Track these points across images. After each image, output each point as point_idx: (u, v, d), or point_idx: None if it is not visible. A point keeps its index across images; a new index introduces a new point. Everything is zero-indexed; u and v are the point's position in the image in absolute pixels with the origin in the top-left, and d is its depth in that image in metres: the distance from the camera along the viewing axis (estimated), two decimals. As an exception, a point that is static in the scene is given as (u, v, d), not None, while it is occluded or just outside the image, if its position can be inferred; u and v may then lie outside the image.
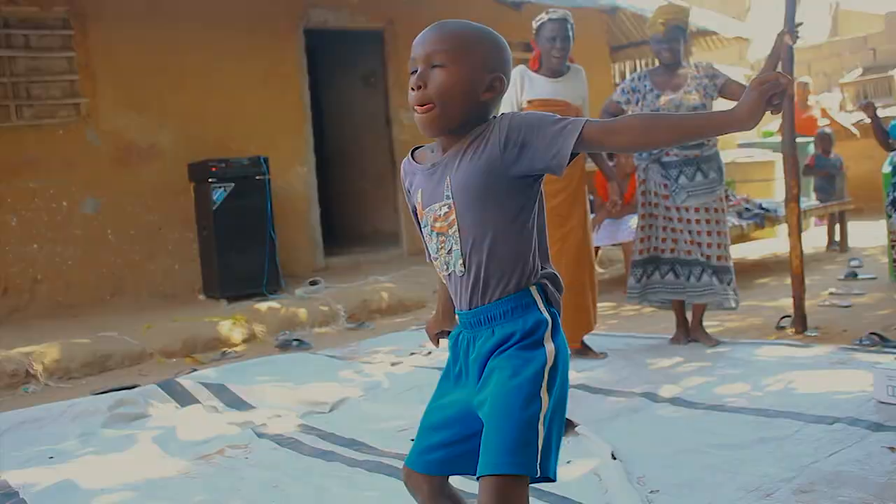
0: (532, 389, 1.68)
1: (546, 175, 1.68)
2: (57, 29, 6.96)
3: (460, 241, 1.77)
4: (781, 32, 4.78)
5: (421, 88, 1.76)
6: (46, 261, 6.86)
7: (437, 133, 1.80)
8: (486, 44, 1.79)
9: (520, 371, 1.70)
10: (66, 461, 3.63)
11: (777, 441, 3.14)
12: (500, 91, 1.79)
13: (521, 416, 1.66)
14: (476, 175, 1.73)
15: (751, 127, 1.59)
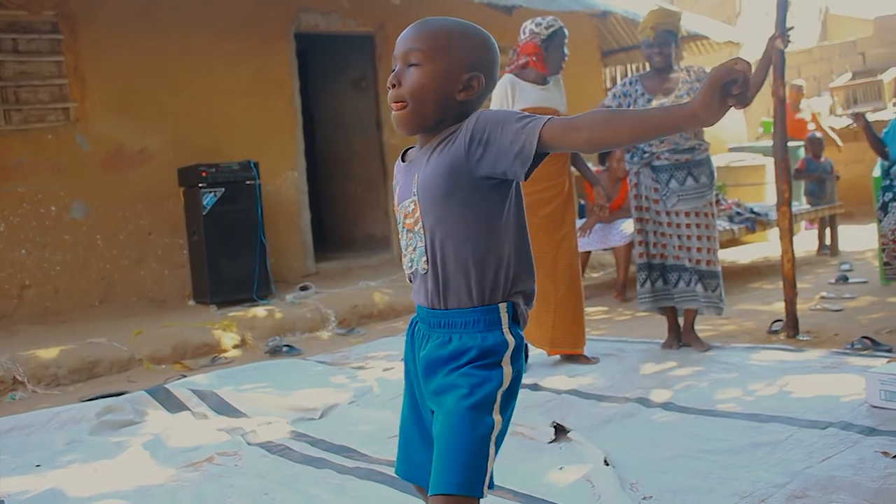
0: (485, 411, 1.67)
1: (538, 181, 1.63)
2: (46, 33, 6.91)
3: (424, 239, 1.74)
4: (773, 36, 4.78)
5: (395, 87, 1.76)
6: (34, 266, 6.81)
7: (411, 131, 1.78)
8: (466, 42, 1.76)
9: (475, 392, 1.67)
10: (53, 469, 3.59)
11: (770, 446, 3.12)
12: (478, 90, 1.75)
13: (473, 438, 1.65)
14: (439, 173, 1.70)
15: (709, 120, 1.47)
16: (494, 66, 1.80)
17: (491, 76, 1.78)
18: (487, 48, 1.78)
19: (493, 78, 1.79)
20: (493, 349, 1.70)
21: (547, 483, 2.96)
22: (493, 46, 1.79)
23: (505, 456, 3.23)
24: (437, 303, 1.75)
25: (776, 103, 4.94)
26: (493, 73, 1.79)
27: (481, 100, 1.79)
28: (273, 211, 7.70)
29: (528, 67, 4.59)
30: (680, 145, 4.71)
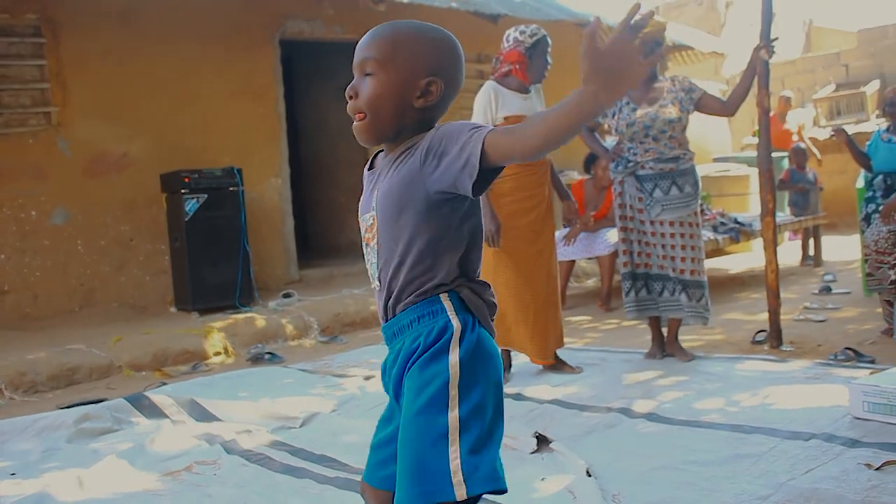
0: (436, 411, 1.58)
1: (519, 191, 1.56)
2: (28, 37, 6.85)
3: (377, 254, 1.71)
4: (758, 47, 4.78)
5: (353, 98, 1.72)
6: (14, 271, 6.74)
7: (372, 142, 1.74)
8: (421, 47, 1.70)
9: (422, 391, 1.60)
10: (29, 477, 3.53)
11: (753, 458, 3.11)
12: (437, 95, 1.68)
13: (425, 444, 1.57)
14: (395, 186, 1.66)
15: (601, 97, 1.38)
16: (455, 68, 1.73)
17: (452, 80, 1.71)
18: (447, 50, 1.72)
19: (456, 81, 1.72)
20: (438, 336, 1.62)
21: (529, 494, 2.93)
22: (453, 48, 1.73)
23: (487, 466, 3.23)
24: (389, 314, 1.72)
25: (760, 113, 4.94)
26: (454, 77, 1.72)
27: (443, 105, 1.71)
28: (256, 218, 7.66)
29: (511, 75, 4.57)
30: (664, 154, 4.71)
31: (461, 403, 1.58)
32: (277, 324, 6.54)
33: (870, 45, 13.46)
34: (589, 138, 5.04)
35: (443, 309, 1.65)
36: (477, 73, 9.76)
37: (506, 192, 4.52)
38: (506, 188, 4.52)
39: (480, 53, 9.88)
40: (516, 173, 4.52)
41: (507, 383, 4.60)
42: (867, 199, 5.85)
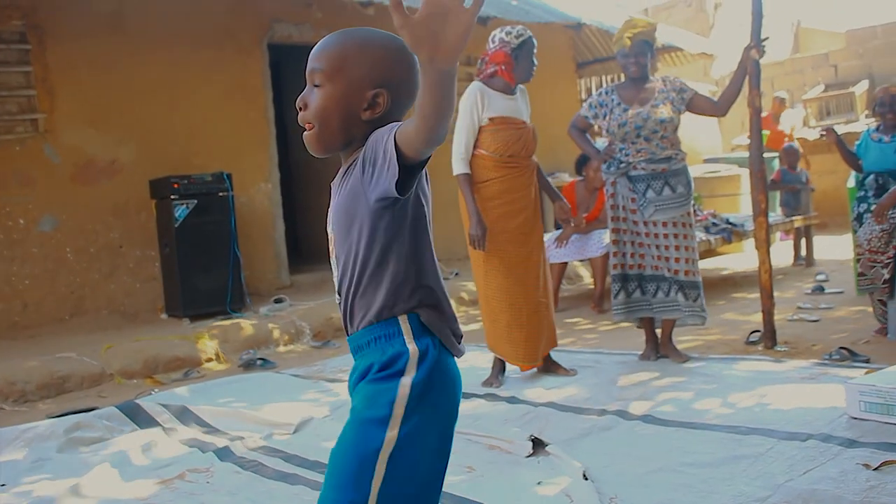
0: (376, 424, 1.55)
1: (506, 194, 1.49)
2: (14, 43, 6.80)
3: (337, 268, 1.70)
4: (748, 46, 4.78)
5: (302, 109, 1.70)
6: (2, 280, 6.68)
7: (321, 152, 1.72)
8: (368, 58, 1.65)
9: (367, 405, 1.57)
10: (18, 488, 3.49)
11: (751, 459, 3.09)
12: (384, 107, 1.64)
13: (356, 454, 1.55)
14: (343, 199, 1.64)
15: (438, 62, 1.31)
16: (406, 77, 1.67)
17: (402, 89, 1.66)
18: (396, 60, 1.66)
19: (408, 90, 1.67)
20: (393, 359, 1.58)
21: (525, 498, 2.91)
22: (402, 58, 1.66)
23: (482, 471, 3.20)
24: (349, 328, 1.69)
25: (752, 113, 4.93)
26: (403, 87, 1.67)
27: (391, 116, 1.66)
28: (246, 223, 7.62)
29: (497, 76, 4.54)
30: (656, 155, 4.70)
31: (403, 424, 1.54)
32: (269, 329, 6.50)
33: (858, 46, 13.48)
34: (580, 139, 5.02)
35: (399, 332, 1.61)
36: (466, 76, 9.73)
37: (493, 195, 4.50)
38: (493, 191, 4.49)
39: (469, 56, 9.85)
40: (502, 176, 4.50)
41: (501, 386, 4.58)
42: (859, 198, 5.85)
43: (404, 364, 1.58)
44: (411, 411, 1.54)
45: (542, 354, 4.66)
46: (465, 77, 9.56)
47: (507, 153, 4.49)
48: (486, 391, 4.50)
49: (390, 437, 1.53)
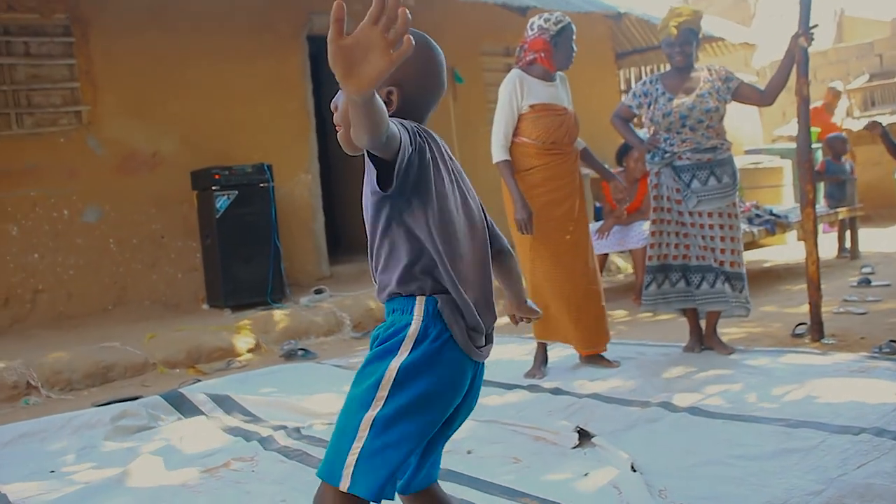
0: (363, 399, 1.65)
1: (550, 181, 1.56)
2: (57, 36, 6.88)
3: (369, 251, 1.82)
4: (796, 34, 4.69)
5: (335, 111, 1.83)
6: (48, 270, 6.77)
7: (352, 152, 1.78)
8: None
9: (361, 380, 1.69)
10: (67, 475, 3.53)
11: (802, 452, 3.03)
12: (397, 104, 1.74)
13: (343, 424, 1.67)
14: (365, 190, 1.73)
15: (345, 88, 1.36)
16: (419, 73, 1.76)
17: (415, 85, 1.76)
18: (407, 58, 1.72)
19: (421, 86, 1.77)
20: (393, 333, 1.70)
21: (573, 490, 2.87)
22: (414, 55, 1.65)
23: (528, 462, 3.18)
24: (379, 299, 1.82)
25: (800, 102, 4.84)
26: (419, 82, 1.76)
27: (410, 112, 1.76)
28: (286, 214, 7.65)
29: (536, 63, 4.50)
30: (701, 145, 4.64)
31: (384, 406, 1.63)
32: (309, 320, 6.52)
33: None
34: (623, 129, 4.97)
35: (411, 310, 1.70)
36: (505, 67, 9.69)
37: (537, 182, 4.47)
38: (537, 179, 4.47)
39: (508, 47, 9.82)
40: (545, 164, 4.47)
41: (544, 378, 4.55)
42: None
43: (399, 344, 1.68)
44: (396, 393, 1.64)
45: (601, 341, 4.63)
46: (503, 68, 9.53)
47: (549, 140, 4.46)
48: (529, 382, 4.47)
49: (369, 415, 1.63)
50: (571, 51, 4.52)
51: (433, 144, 1.75)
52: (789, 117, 13.80)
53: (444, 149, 1.82)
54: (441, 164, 1.76)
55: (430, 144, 1.73)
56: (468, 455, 3.32)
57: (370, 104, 1.40)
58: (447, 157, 1.81)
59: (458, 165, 1.86)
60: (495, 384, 4.45)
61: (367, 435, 1.62)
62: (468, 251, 1.77)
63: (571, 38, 4.51)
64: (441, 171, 1.75)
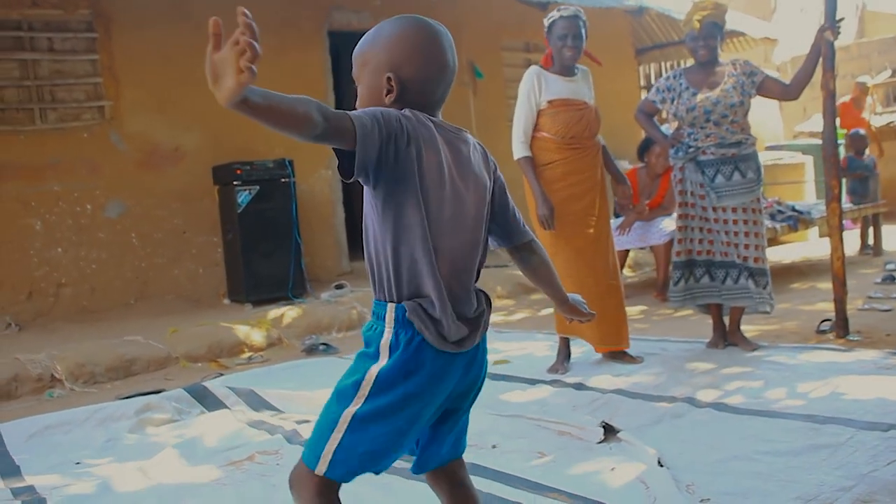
0: (341, 399, 1.74)
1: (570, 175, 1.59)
2: (81, 32, 6.92)
3: None
4: (822, 27, 4.66)
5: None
6: (71, 265, 6.81)
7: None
8: (377, 46, 1.80)
9: (348, 374, 1.78)
10: (92, 467, 3.54)
11: (830, 448, 3.01)
12: (397, 89, 1.76)
13: (326, 413, 1.76)
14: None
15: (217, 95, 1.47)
16: (411, 55, 1.77)
17: (409, 68, 1.76)
18: (397, 41, 1.77)
19: (415, 68, 1.77)
20: (370, 341, 1.78)
21: (599, 484, 2.86)
22: (405, 38, 1.77)
23: (554, 456, 3.17)
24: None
25: (825, 96, 4.79)
26: (408, 65, 1.76)
27: (409, 95, 1.77)
28: (307, 209, 7.66)
29: (549, 59, 4.55)
30: (726, 139, 4.61)
31: (363, 405, 1.72)
32: (331, 315, 6.53)
33: (927, 29, 13.15)
34: (647, 124, 4.95)
35: (383, 317, 1.76)
36: (524, 62, 9.67)
37: (557, 177, 4.46)
38: (557, 174, 4.46)
39: (528, 42, 9.80)
40: (565, 158, 4.46)
41: (567, 373, 4.54)
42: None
43: (377, 351, 1.75)
44: (374, 395, 1.72)
45: (621, 338, 4.62)
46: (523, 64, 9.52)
47: (568, 135, 4.45)
48: (553, 377, 4.46)
49: (349, 412, 1.72)
50: (562, 45, 4.45)
51: (423, 132, 1.72)
52: (810, 113, 13.72)
53: (448, 138, 1.79)
54: (432, 153, 1.73)
55: (413, 134, 1.70)
56: (493, 449, 3.32)
57: (250, 111, 1.48)
58: (446, 147, 1.77)
59: (465, 156, 1.82)
60: (518, 379, 4.45)
61: (346, 429, 1.72)
62: (449, 247, 1.76)
63: (560, 34, 4.44)
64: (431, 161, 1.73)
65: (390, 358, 1.73)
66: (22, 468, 3.57)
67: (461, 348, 1.78)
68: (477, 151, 1.87)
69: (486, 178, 1.87)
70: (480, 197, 1.85)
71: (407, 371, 1.73)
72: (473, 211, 1.82)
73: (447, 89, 1.85)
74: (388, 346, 1.74)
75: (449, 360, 1.77)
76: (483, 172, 1.87)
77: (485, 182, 1.87)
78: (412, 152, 1.68)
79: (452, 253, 1.76)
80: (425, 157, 1.71)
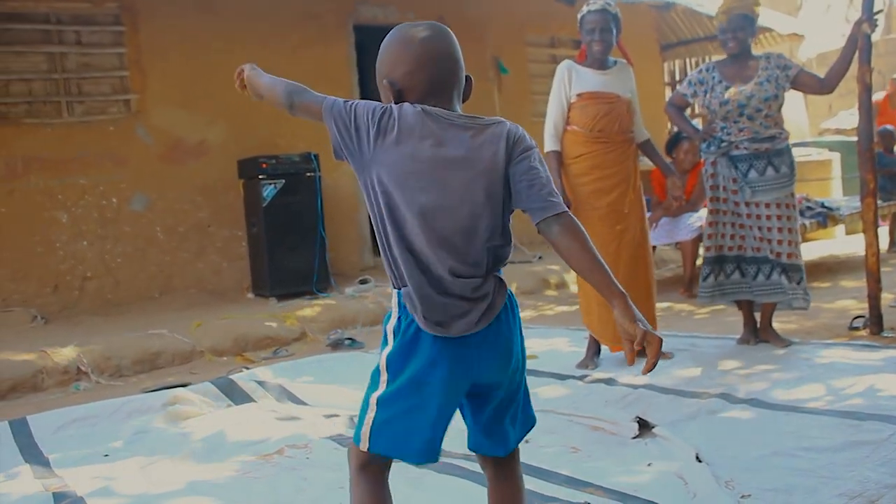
0: (373, 381, 1.90)
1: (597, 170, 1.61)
2: (108, 25, 6.92)
3: None
4: (859, 20, 4.59)
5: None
6: (96, 258, 6.82)
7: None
8: (378, 63, 1.94)
9: (376, 362, 1.92)
10: (121, 459, 3.52)
11: (872, 445, 2.95)
12: (392, 93, 1.89)
13: (363, 398, 1.92)
14: None
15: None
16: (392, 60, 1.90)
17: (394, 71, 1.89)
18: (383, 52, 1.92)
19: (398, 70, 1.88)
20: (384, 328, 1.93)
21: (637, 480, 2.82)
22: (388, 44, 1.92)
23: (588, 451, 3.13)
24: None
25: (861, 90, 4.72)
26: (393, 68, 1.89)
27: (406, 94, 1.88)
28: (331, 204, 7.63)
29: (583, 54, 4.54)
30: (759, 134, 4.54)
31: (385, 388, 1.86)
32: (355, 309, 6.51)
33: (955, 26, 12.98)
34: (678, 117, 4.89)
35: (392, 303, 1.91)
36: (549, 58, 9.62)
37: (583, 171, 4.42)
38: (583, 167, 4.42)
39: (553, 38, 9.75)
40: (592, 152, 4.42)
41: (597, 368, 4.49)
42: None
43: (385, 336, 1.91)
44: (391, 379, 1.86)
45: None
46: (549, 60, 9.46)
47: (595, 128, 4.41)
48: (582, 373, 4.42)
49: (374, 396, 1.88)
50: (591, 39, 4.43)
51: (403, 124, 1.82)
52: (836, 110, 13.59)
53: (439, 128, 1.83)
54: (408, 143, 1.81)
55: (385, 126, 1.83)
56: (526, 444, 3.27)
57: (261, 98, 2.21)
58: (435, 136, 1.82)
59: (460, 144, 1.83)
60: (548, 374, 4.40)
61: (375, 412, 1.87)
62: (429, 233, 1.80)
63: (589, 28, 4.43)
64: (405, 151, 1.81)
65: (395, 342, 1.86)
66: (51, 461, 3.55)
67: (448, 332, 1.82)
68: (484, 137, 1.86)
69: (494, 163, 1.85)
70: (482, 183, 1.84)
71: (408, 353, 1.84)
72: (468, 197, 1.82)
73: (442, 76, 1.89)
74: (393, 331, 1.87)
75: (452, 344, 1.83)
76: (490, 158, 1.85)
77: (490, 168, 1.84)
78: (381, 142, 1.82)
79: (434, 238, 1.80)
80: (397, 147, 1.81)
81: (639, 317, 1.79)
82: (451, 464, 3.08)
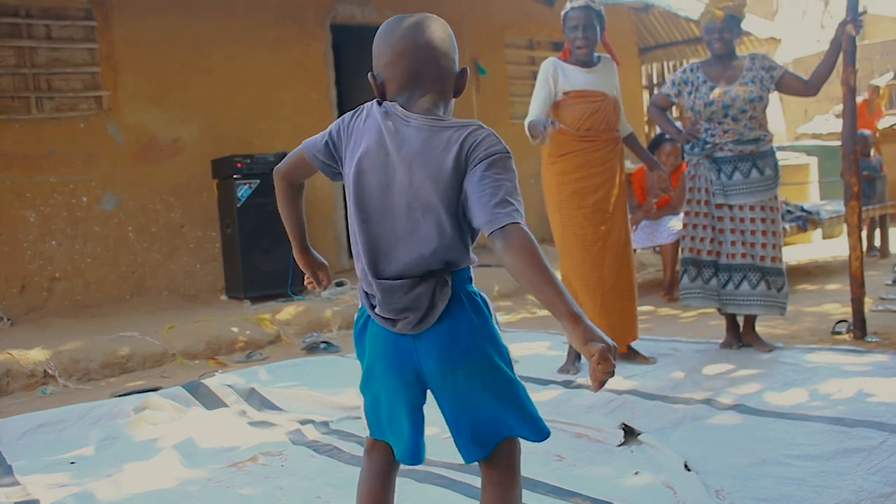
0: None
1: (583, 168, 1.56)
2: (79, 20, 6.77)
3: None
4: (843, 21, 4.55)
5: None
6: (65, 258, 6.65)
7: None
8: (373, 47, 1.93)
9: None
10: (88, 466, 3.40)
11: (863, 452, 2.88)
12: (376, 84, 1.91)
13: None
14: None
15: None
16: (376, 53, 1.91)
17: (377, 63, 1.91)
18: (373, 46, 1.92)
19: (379, 61, 1.90)
20: None
21: (624, 489, 2.73)
22: (376, 38, 1.92)
23: (573, 460, 3.04)
24: None
25: (846, 92, 4.67)
26: (376, 60, 1.91)
27: (388, 85, 1.89)
28: (307, 205, 7.41)
29: (567, 52, 4.45)
30: (744, 136, 4.48)
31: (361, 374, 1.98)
32: (331, 312, 6.39)
33: (930, 32, 13.06)
34: (660, 118, 4.82)
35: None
36: (528, 60, 9.55)
37: (570, 169, 4.35)
38: (570, 165, 4.35)
39: (532, 39, 9.67)
40: (578, 150, 4.34)
41: (579, 373, 4.41)
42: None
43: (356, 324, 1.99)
44: (362, 366, 1.96)
45: (625, 338, 4.46)
46: (527, 62, 9.38)
47: (583, 126, 4.34)
48: (564, 378, 4.33)
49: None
50: (574, 38, 4.37)
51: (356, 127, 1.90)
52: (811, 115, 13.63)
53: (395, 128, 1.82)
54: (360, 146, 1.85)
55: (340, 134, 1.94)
56: (508, 451, 3.18)
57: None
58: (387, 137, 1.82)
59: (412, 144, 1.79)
60: (528, 380, 4.30)
61: (363, 396, 1.99)
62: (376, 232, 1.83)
63: (571, 25, 4.36)
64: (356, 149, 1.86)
65: (356, 322, 1.97)
66: (14, 468, 3.42)
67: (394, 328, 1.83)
68: (439, 139, 1.76)
69: (446, 167, 1.74)
70: (430, 186, 1.75)
71: (360, 342, 1.96)
72: (413, 200, 1.77)
73: (418, 67, 1.86)
74: (356, 320, 1.97)
75: (393, 337, 1.85)
76: (441, 162, 1.74)
77: (441, 172, 1.74)
78: (349, 143, 1.90)
79: (378, 238, 1.82)
80: (359, 147, 1.85)
81: (593, 336, 1.58)
82: (430, 472, 2.97)
